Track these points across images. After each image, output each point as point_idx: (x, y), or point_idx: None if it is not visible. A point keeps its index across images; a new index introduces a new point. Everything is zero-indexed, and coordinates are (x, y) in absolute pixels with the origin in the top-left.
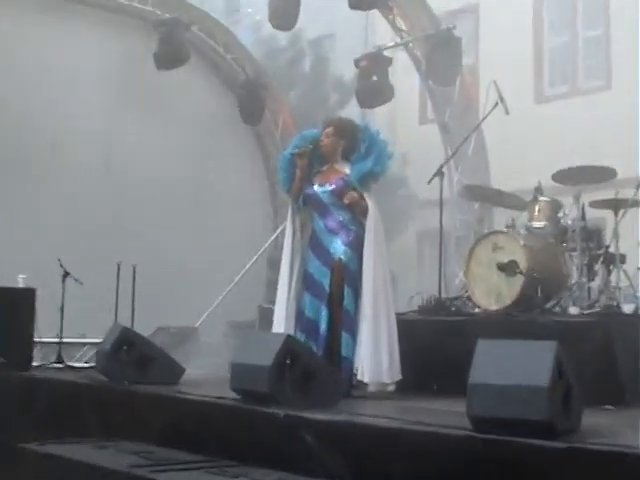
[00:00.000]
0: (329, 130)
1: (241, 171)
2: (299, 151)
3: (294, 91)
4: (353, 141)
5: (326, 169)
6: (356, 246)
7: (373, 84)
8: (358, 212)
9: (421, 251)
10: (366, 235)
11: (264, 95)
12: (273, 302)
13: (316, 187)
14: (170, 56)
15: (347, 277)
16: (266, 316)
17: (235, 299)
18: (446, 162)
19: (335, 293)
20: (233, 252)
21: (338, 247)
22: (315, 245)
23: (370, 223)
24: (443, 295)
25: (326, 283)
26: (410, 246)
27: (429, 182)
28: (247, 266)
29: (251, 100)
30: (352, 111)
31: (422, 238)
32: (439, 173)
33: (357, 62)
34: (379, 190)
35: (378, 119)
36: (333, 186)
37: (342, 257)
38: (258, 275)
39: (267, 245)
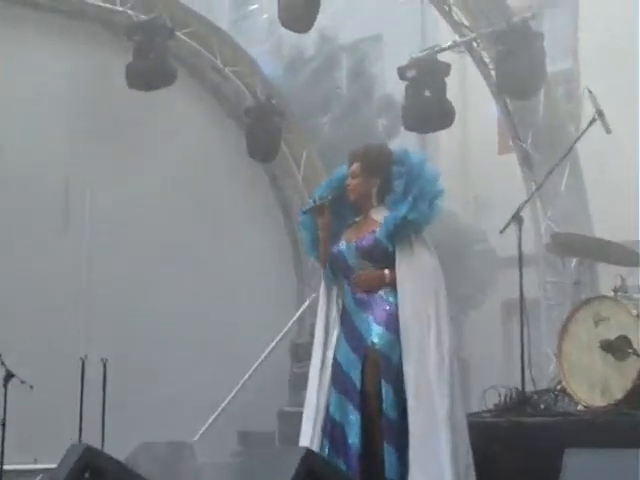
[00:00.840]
0: (355, 167)
1: (250, 226)
2: (313, 207)
3: (324, 117)
4: (390, 176)
5: (361, 220)
6: (396, 327)
7: (426, 101)
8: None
9: (508, 329)
10: (400, 305)
11: (280, 123)
12: (298, 405)
13: (342, 245)
14: (148, 73)
15: (385, 369)
16: (289, 424)
17: (247, 402)
18: (526, 203)
19: (369, 391)
20: (243, 337)
21: (370, 327)
22: (345, 324)
23: (406, 287)
24: (528, 388)
25: (356, 376)
26: (492, 321)
27: (502, 231)
28: (262, 356)
29: (262, 131)
30: (408, 140)
31: (508, 310)
32: (517, 218)
33: (402, 72)
34: (443, 247)
35: (443, 149)
36: (360, 243)
37: (375, 341)
38: (278, 368)
39: (289, 327)
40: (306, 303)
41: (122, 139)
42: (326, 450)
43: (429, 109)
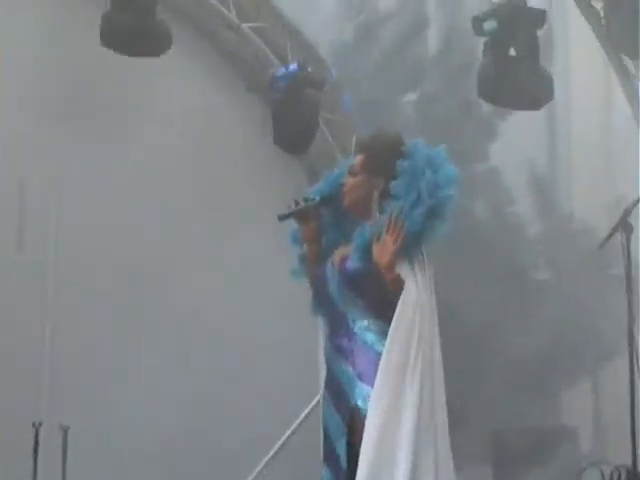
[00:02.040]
0: (357, 162)
1: (277, 240)
2: (292, 211)
3: (408, 94)
4: (395, 174)
5: None
6: None
7: (511, 65)
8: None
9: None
10: (385, 350)
11: (319, 100)
12: None
13: (327, 266)
14: (129, 32)
15: None
16: None
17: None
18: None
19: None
20: (265, 397)
21: (354, 384)
22: (327, 373)
23: (401, 327)
24: None
25: (341, 449)
26: None
27: (601, 246)
28: (296, 423)
29: (294, 111)
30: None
31: None
32: (625, 228)
33: (478, 24)
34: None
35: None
36: (343, 266)
37: (361, 405)
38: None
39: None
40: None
41: (101, 121)
42: None
43: (515, 75)
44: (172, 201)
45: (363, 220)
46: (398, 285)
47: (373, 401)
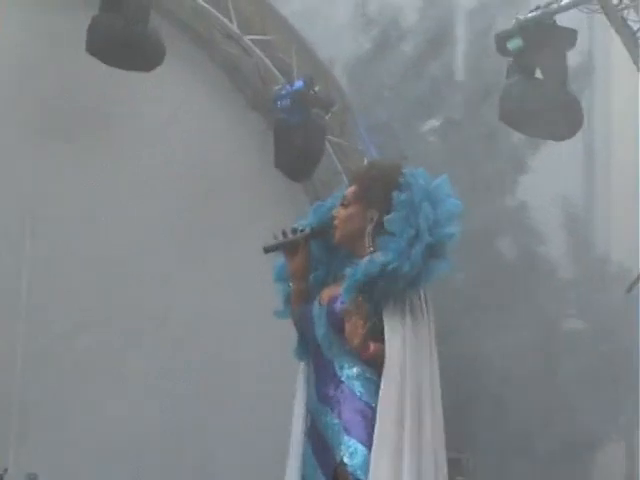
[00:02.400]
0: (349, 192)
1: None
2: (280, 243)
3: (429, 120)
4: (390, 208)
5: None
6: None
7: (536, 88)
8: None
9: None
10: (379, 405)
11: (326, 122)
12: None
13: (314, 305)
14: (120, 42)
15: None
16: None
17: None
18: None
19: None
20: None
21: (339, 438)
22: (311, 426)
23: (391, 382)
24: None
25: None
26: None
27: (629, 291)
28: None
29: (298, 133)
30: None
31: None
32: None
33: (501, 41)
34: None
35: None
36: (331, 306)
37: (347, 461)
38: None
39: None
40: None
41: (85, 137)
42: None
43: (540, 99)
44: (161, 224)
45: (355, 256)
46: (377, 360)
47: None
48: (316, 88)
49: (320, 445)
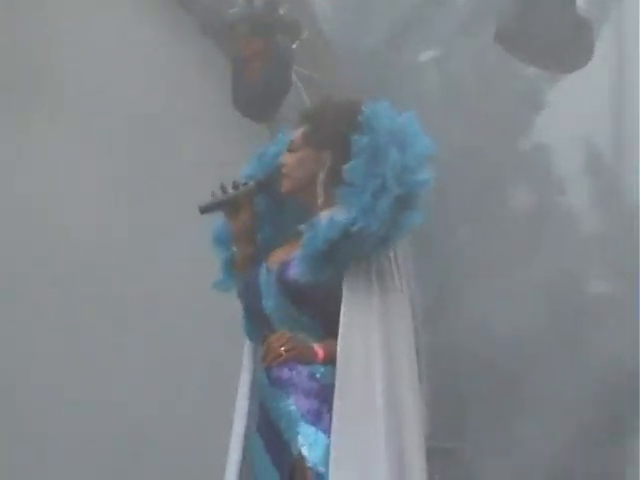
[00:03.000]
0: (297, 135)
1: None
2: (220, 200)
3: (431, 48)
4: (349, 151)
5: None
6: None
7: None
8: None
9: None
10: (335, 396)
11: (292, 51)
12: None
13: (260, 271)
14: None
15: None
16: None
17: None
18: None
19: None
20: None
21: (296, 426)
22: (260, 418)
23: (347, 354)
24: None
25: None
26: None
27: None
28: None
29: (259, 64)
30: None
31: None
32: None
33: None
34: None
35: None
36: (283, 271)
37: (305, 453)
38: None
39: None
40: None
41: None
42: None
43: (543, 19)
44: (107, 181)
45: (307, 209)
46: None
47: (334, 460)
48: (281, 10)
49: (273, 438)
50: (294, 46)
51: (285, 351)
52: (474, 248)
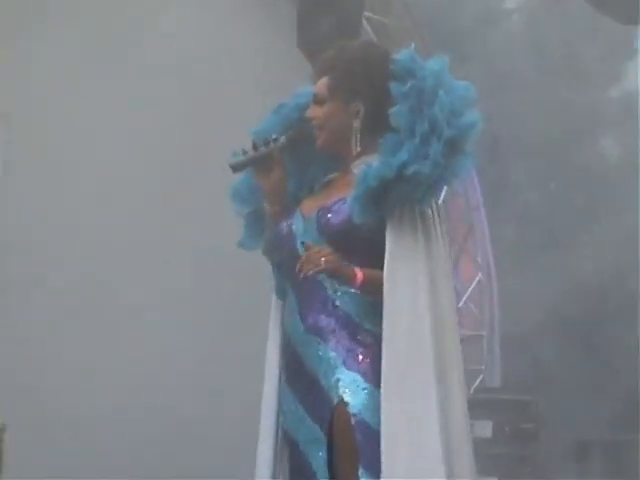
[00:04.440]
0: (322, 86)
1: None
2: (251, 158)
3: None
4: (385, 99)
5: (334, 180)
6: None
7: None
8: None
9: None
10: (385, 325)
11: None
12: None
13: (295, 220)
14: None
15: (365, 450)
16: None
17: None
18: None
19: None
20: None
21: (335, 373)
22: (291, 370)
23: (394, 296)
24: None
25: (319, 462)
26: None
27: None
28: None
29: (328, 8)
30: None
31: None
32: None
33: None
34: None
35: None
36: (324, 215)
37: (348, 399)
38: None
39: None
40: None
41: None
42: None
43: None
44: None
45: (340, 159)
46: (376, 288)
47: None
48: None
49: (308, 388)
50: None
51: (325, 262)
52: (559, 201)
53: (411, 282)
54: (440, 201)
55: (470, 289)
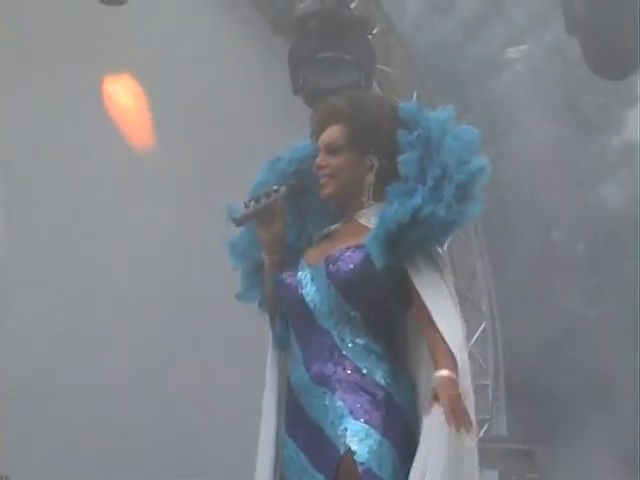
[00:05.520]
0: (336, 134)
1: None
2: (253, 210)
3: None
4: (395, 150)
5: (337, 229)
6: (390, 427)
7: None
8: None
9: None
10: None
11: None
12: None
13: (300, 271)
14: None
15: None
16: None
17: None
18: None
19: None
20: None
21: (342, 421)
22: (292, 419)
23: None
24: None
25: None
26: None
27: None
28: None
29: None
30: None
31: None
32: None
33: None
34: None
35: None
36: (334, 264)
37: (355, 448)
38: None
39: None
40: None
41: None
42: None
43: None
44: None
45: (342, 210)
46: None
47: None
48: (352, 5)
49: (312, 437)
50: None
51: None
52: (562, 247)
53: (454, 317)
54: (445, 247)
55: (475, 337)
